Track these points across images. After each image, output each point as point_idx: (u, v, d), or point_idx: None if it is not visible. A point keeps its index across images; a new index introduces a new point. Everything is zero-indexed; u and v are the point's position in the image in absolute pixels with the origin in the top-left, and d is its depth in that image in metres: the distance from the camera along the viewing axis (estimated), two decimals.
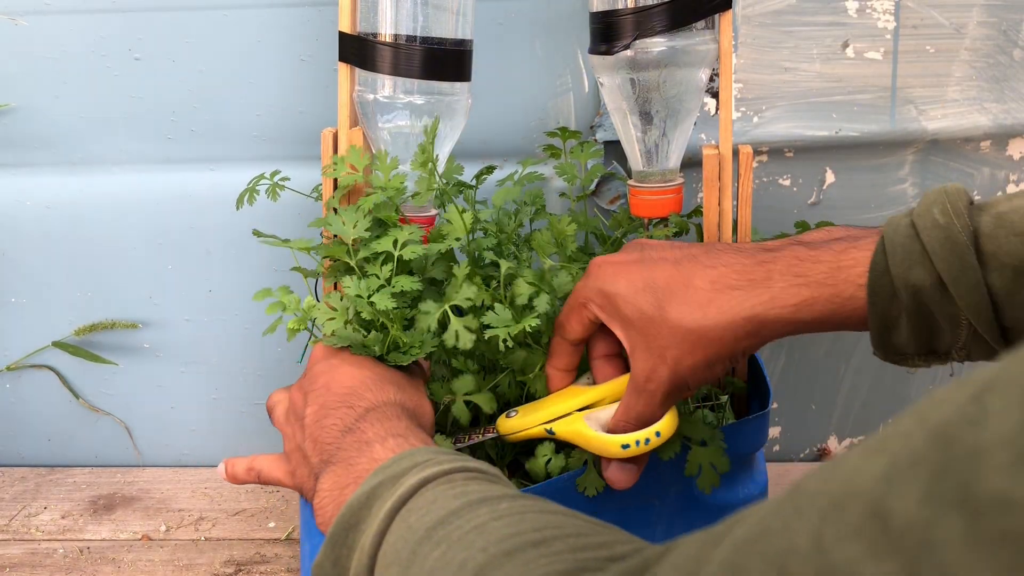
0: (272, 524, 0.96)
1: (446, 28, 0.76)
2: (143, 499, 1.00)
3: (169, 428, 1.05)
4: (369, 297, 0.69)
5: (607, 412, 0.68)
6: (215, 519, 0.97)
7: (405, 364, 0.70)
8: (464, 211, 0.73)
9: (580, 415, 0.69)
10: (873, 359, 1.06)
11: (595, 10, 0.77)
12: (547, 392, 0.72)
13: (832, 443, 1.06)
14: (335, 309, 0.71)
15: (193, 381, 1.03)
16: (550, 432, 0.69)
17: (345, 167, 0.75)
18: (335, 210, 0.74)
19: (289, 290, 0.72)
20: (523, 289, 0.71)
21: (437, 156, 0.74)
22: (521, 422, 0.70)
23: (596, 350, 0.70)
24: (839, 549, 0.27)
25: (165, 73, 0.93)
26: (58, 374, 1.04)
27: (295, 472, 0.67)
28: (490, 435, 0.72)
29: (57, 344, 1.01)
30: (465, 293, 0.70)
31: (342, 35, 0.76)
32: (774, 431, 1.05)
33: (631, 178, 0.81)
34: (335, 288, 0.75)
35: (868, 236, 0.61)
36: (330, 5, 0.87)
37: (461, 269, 0.70)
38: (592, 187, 0.93)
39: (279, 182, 0.77)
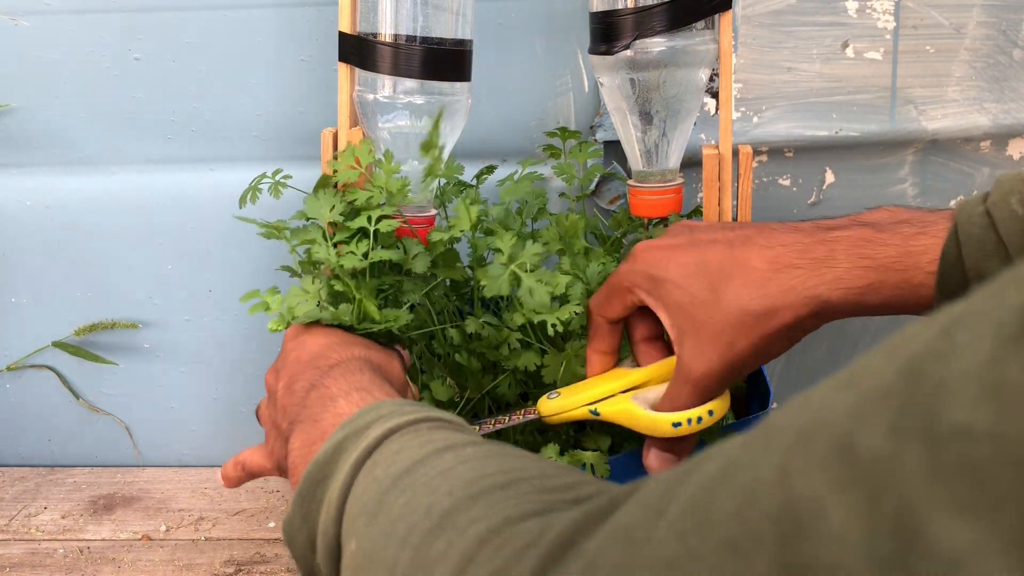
0: (272, 524, 0.96)
1: (446, 28, 0.76)
2: (143, 499, 1.00)
3: (169, 428, 1.05)
4: (338, 260, 0.69)
5: (655, 392, 0.66)
6: (215, 519, 0.97)
7: (375, 331, 0.69)
8: (472, 204, 0.73)
9: (627, 395, 0.67)
10: None
11: (595, 10, 0.77)
12: (586, 376, 0.70)
13: None
14: (307, 292, 0.71)
15: (193, 381, 1.03)
16: (594, 413, 0.67)
17: (350, 159, 0.75)
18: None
19: (276, 290, 0.72)
20: (560, 279, 0.70)
21: (443, 146, 0.73)
22: (563, 403, 0.68)
23: (637, 333, 0.68)
24: (804, 481, 0.27)
25: (165, 73, 0.93)
26: (58, 374, 1.04)
27: (272, 450, 0.66)
28: (531, 416, 0.70)
29: (57, 344, 1.01)
30: (533, 250, 0.67)
31: (342, 35, 0.76)
32: None
33: (631, 178, 0.81)
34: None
35: (937, 222, 0.59)
36: (330, 5, 0.87)
37: (507, 237, 0.69)
38: (592, 187, 0.93)
39: (281, 180, 0.77)
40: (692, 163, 0.88)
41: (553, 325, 0.67)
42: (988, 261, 0.56)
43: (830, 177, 0.97)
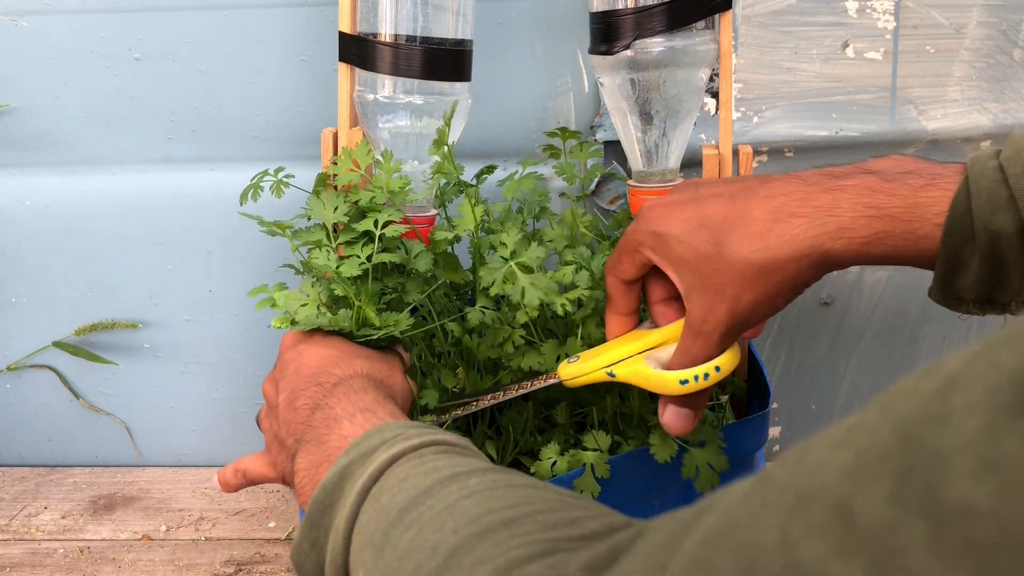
0: (272, 524, 0.96)
1: (446, 28, 0.76)
2: (143, 499, 1.00)
3: (169, 428, 1.05)
4: (337, 268, 0.69)
5: (667, 352, 0.66)
6: (215, 519, 0.97)
7: (375, 338, 0.69)
8: (476, 204, 0.73)
9: (640, 356, 0.67)
10: (873, 359, 1.07)
11: (595, 10, 0.77)
12: (606, 339, 0.70)
13: None
14: (307, 295, 0.71)
15: (193, 381, 1.03)
16: (611, 375, 0.67)
17: (348, 163, 0.75)
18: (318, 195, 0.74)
19: (284, 286, 0.72)
20: (566, 270, 0.70)
21: (453, 143, 0.73)
22: (582, 367, 0.68)
23: (654, 294, 0.68)
24: (806, 546, 0.27)
25: (165, 73, 0.93)
26: (58, 374, 1.04)
27: (276, 462, 0.67)
28: (552, 380, 0.70)
29: (57, 344, 1.01)
30: (534, 252, 0.68)
31: (342, 35, 0.76)
32: (774, 431, 1.05)
33: (631, 178, 0.81)
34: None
35: (947, 175, 0.58)
36: (330, 5, 0.87)
37: (512, 232, 0.69)
38: (592, 187, 0.93)
39: (283, 179, 0.77)
40: (692, 163, 0.88)
41: (563, 305, 0.67)
42: (998, 215, 0.55)
43: None
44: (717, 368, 0.63)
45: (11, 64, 0.93)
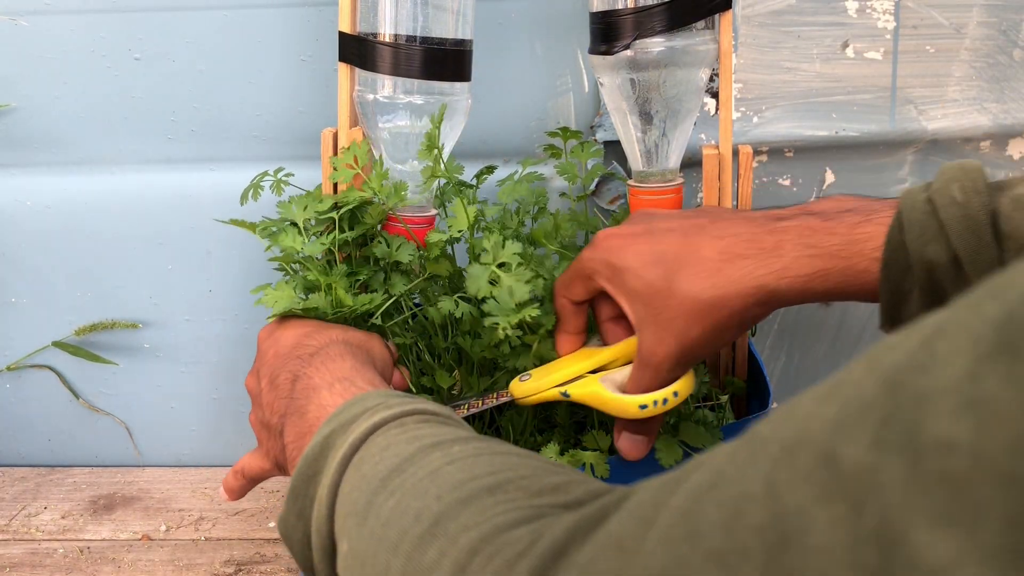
0: (272, 524, 0.96)
1: (446, 28, 0.76)
2: (143, 499, 1.00)
3: (169, 428, 1.05)
4: (302, 250, 0.70)
5: (622, 373, 0.68)
6: (215, 519, 0.97)
7: (350, 317, 0.69)
8: (469, 204, 0.73)
9: (595, 377, 0.68)
10: None
11: (595, 10, 0.77)
12: (557, 357, 0.71)
13: None
14: (282, 293, 0.71)
15: (193, 381, 1.03)
16: (565, 395, 0.68)
17: (348, 160, 0.75)
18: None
19: (283, 284, 0.72)
20: (526, 275, 0.70)
21: (443, 144, 0.74)
22: (535, 385, 0.69)
23: (603, 313, 0.70)
24: (791, 494, 0.27)
25: (165, 73, 0.93)
26: (58, 374, 1.04)
27: (268, 450, 0.67)
28: (504, 399, 0.71)
29: (57, 344, 1.01)
30: (512, 249, 0.69)
31: (342, 35, 0.76)
32: None
33: (631, 178, 0.81)
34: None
35: (882, 210, 0.61)
36: (330, 5, 0.87)
37: (493, 234, 0.70)
38: (592, 187, 0.93)
39: (283, 178, 0.77)
40: (692, 163, 0.88)
41: (504, 330, 0.68)
42: (930, 246, 0.58)
43: (830, 177, 0.97)
44: (675, 394, 0.65)
45: (11, 64, 0.93)
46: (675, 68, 0.76)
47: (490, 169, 0.84)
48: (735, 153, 0.78)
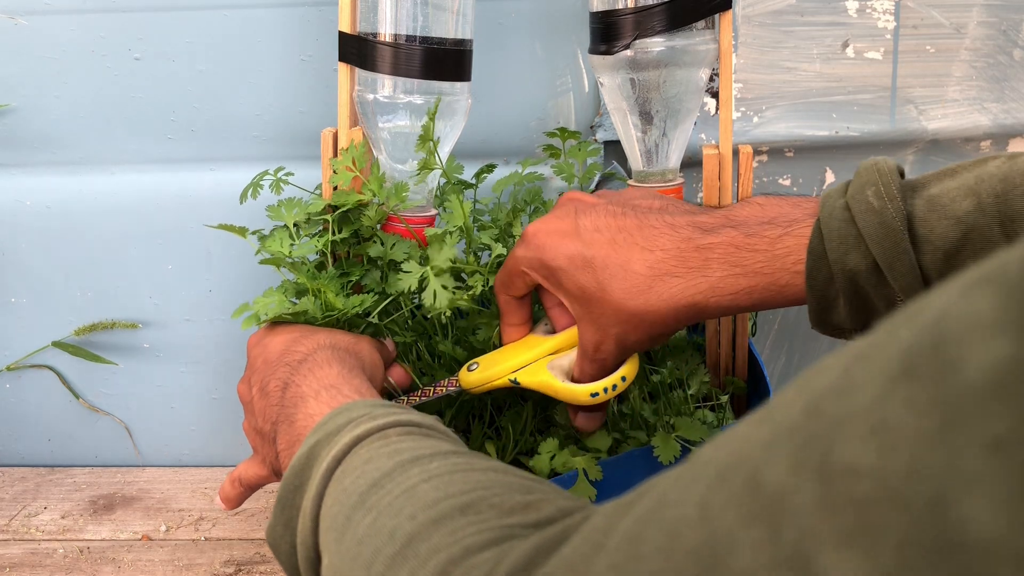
0: None
1: (446, 28, 0.76)
2: (143, 499, 1.00)
3: (169, 428, 1.05)
4: (291, 252, 0.71)
5: (569, 358, 0.69)
6: (215, 519, 0.97)
7: (340, 320, 0.70)
8: (464, 201, 0.74)
9: (543, 364, 0.69)
10: None
11: (595, 10, 0.77)
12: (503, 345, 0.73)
13: None
14: (271, 298, 0.71)
15: (193, 381, 1.03)
16: (514, 382, 0.70)
17: (347, 162, 0.75)
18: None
19: (271, 290, 0.73)
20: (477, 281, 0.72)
21: (439, 139, 0.74)
22: (484, 375, 0.70)
23: (548, 300, 0.71)
24: (721, 517, 0.28)
25: (165, 73, 0.93)
26: (58, 374, 1.04)
27: (264, 457, 0.68)
28: (452, 388, 0.72)
29: (57, 344, 1.01)
30: (447, 254, 0.71)
31: (342, 35, 0.76)
32: None
33: (631, 178, 0.81)
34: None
35: (801, 219, 0.62)
36: (330, 5, 0.87)
37: (441, 232, 0.71)
38: (592, 186, 0.93)
39: (283, 177, 0.77)
40: (692, 163, 0.88)
41: (463, 301, 0.70)
42: (849, 255, 0.59)
43: (830, 177, 0.97)
44: (623, 378, 0.67)
45: (11, 64, 0.93)
46: (675, 68, 0.76)
47: (490, 168, 0.84)
48: (735, 153, 0.78)
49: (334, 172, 0.76)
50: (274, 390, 0.64)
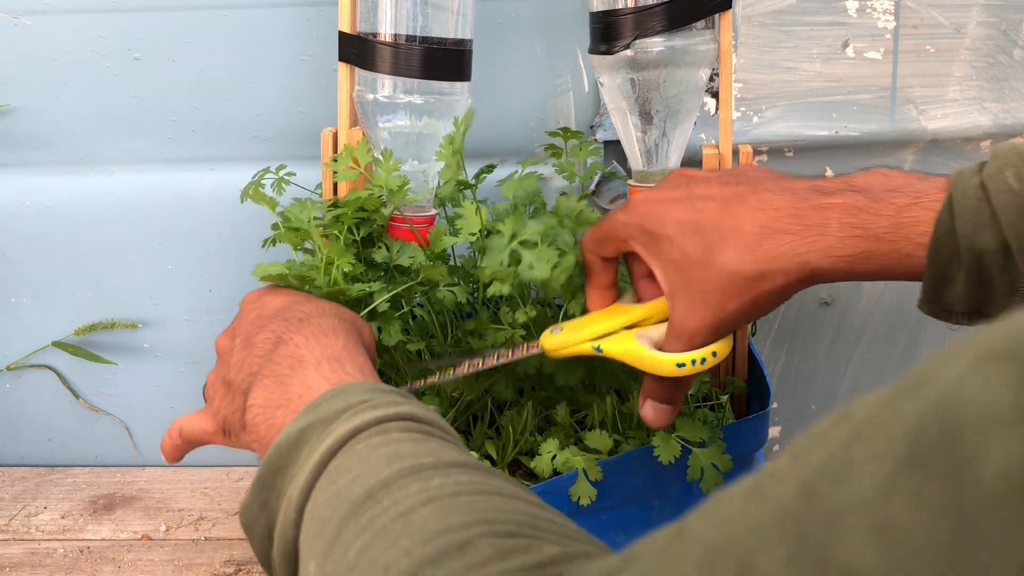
0: None
1: (446, 28, 0.76)
2: (143, 499, 1.00)
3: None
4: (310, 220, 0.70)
5: (658, 330, 0.66)
6: (215, 519, 0.97)
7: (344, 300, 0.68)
8: (478, 207, 0.72)
9: (630, 333, 0.66)
10: (873, 359, 1.07)
11: (595, 10, 0.77)
12: (586, 312, 0.69)
13: None
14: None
15: (193, 381, 1.03)
16: (598, 349, 0.66)
17: (348, 161, 0.75)
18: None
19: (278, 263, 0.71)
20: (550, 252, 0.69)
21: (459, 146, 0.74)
22: (567, 339, 0.67)
23: (636, 270, 0.68)
24: None
25: (165, 73, 0.93)
26: (58, 374, 1.04)
27: (218, 409, 0.62)
28: (534, 351, 0.69)
29: (57, 344, 1.01)
30: (533, 227, 0.68)
31: (342, 35, 0.76)
32: (774, 431, 1.05)
33: (631, 178, 0.81)
34: None
35: (929, 192, 0.59)
36: (330, 5, 0.87)
37: (509, 221, 0.69)
38: (592, 186, 0.93)
39: (285, 176, 0.77)
40: (692, 163, 0.88)
41: (556, 275, 0.67)
42: (981, 233, 0.56)
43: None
44: (714, 353, 0.63)
45: (11, 64, 0.93)
46: (675, 68, 0.76)
47: (490, 168, 0.84)
48: (735, 153, 0.78)
49: (334, 173, 0.76)
50: (262, 342, 0.60)
